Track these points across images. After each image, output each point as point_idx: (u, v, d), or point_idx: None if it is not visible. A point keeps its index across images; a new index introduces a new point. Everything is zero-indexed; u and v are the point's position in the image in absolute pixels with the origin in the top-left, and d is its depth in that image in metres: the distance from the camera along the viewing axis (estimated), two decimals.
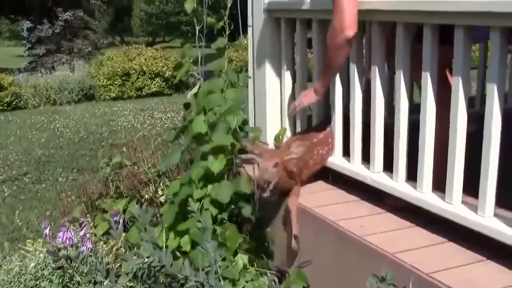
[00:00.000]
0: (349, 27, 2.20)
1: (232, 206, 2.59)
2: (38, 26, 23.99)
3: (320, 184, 2.65)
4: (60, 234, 2.86)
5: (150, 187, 3.19)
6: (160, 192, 3.10)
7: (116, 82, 12.29)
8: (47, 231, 2.96)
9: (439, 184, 2.07)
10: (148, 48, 13.61)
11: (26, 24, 24.14)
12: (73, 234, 2.87)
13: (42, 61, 24.05)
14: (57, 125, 8.90)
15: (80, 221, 3.02)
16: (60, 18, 24.09)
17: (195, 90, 2.89)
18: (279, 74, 2.99)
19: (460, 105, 1.92)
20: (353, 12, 2.19)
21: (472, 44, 1.98)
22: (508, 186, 1.81)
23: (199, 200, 2.56)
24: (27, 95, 11.91)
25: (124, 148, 3.50)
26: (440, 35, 2.03)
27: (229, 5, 2.84)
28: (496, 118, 1.79)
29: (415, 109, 2.24)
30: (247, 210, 2.58)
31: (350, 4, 2.18)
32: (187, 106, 2.97)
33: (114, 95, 12.25)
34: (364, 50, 2.60)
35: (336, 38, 2.24)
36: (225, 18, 2.81)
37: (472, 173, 1.92)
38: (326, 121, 2.67)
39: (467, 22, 1.86)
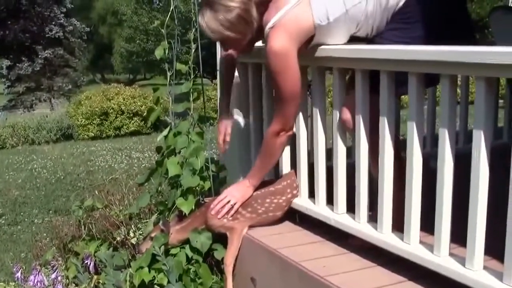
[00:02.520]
0: (292, 126, 2.47)
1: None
2: (17, 64, 24.02)
3: (286, 225, 2.71)
4: (32, 277, 2.89)
5: (122, 229, 3.22)
6: (131, 234, 3.14)
7: (94, 122, 12.32)
8: (18, 274, 2.99)
9: (401, 224, 2.13)
10: (127, 87, 13.67)
11: (6, 62, 24.16)
12: (44, 277, 2.90)
13: (21, 99, 24.05)
14: (35, 165, 8.89)
15: (52, 264, 3.04)
16: (40, 56, 24.15)
17: (165, 132, 2.97)
18: (247, 115, 3.06)
19: (415, 148, 2.00)
20: (293, 120, 2.47)
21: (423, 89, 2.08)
22: (464, 225, 1.88)
23: None
24: (5, 135, 11.90)
25: (96, 192, 3.54)
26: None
27: (193, 50, 2.92)
28: (448, 162, 1.88)
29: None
30: (219, 253, 2.67)
31: (294, 113, 2.44)
32: (159, 149, 3.05)
33: (93, 134, 12.27)
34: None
35: (278, 139, 2.46)
36: (190, 62, 2.91)
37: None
38: (288, 174, 2.74)
39: (420, 70, 1.96)
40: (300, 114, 2.59)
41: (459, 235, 1.89)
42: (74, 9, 28.26)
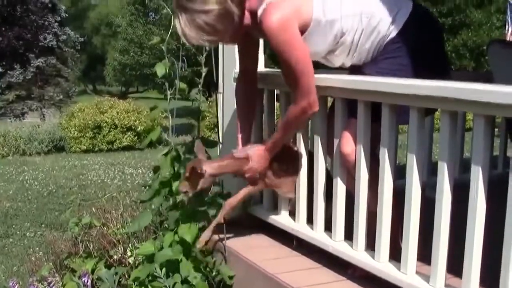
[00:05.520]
0: (317, 103, 2.36)
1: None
2: (9, 72, 23.95)
3: (284, 249, 2.75)
4: None
5: (119, 248, 3.23)
6: (129, 253, 3.15)
7: (87, 135, 12.29)
8: None
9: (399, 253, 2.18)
10: (121, 101, 13.65)
11: None
12: None
13: (11, 107, 23.96)
14: (26, 177, 8.86)
15: (49, 280, 3.05)
16: (32, 64, 24.10)
17: (165, 150, 2.97)
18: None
19: (414, 180, 2.05)
20: (315, 90, 2.34)
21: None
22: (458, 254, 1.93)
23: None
24: None
25: (94, 209, 3.56)
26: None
27: (203, 74, 2.95)
28: (446, 195, 1.93)
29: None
30: (225, 271, 2.68)
31: (313, 84, 2.33)
32: (156, 169, 3.05)
33: (85, 147, 12.23)
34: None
35: (305, 116, 2.40)
36: (200, 86, 2.94)
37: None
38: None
39: (421, 104, 2.02)
40: (301, 138, 2.64)
41: (454, 264, 1.94)
42: (68, 19, 28.28)
